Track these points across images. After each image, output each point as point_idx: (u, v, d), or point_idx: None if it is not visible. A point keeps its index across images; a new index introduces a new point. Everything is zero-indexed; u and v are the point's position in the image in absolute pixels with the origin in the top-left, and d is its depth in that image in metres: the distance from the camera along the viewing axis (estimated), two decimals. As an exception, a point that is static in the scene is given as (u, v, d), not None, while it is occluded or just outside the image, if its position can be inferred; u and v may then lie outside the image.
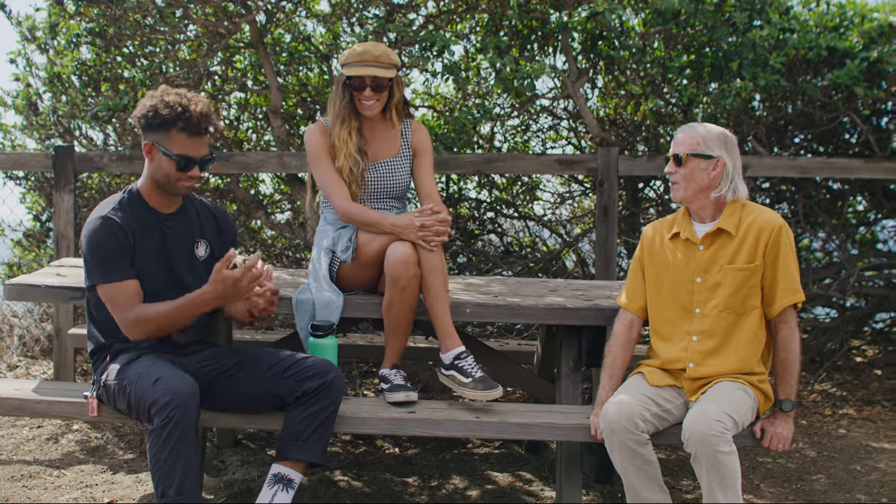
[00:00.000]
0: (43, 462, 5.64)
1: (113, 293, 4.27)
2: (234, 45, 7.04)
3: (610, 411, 4.29)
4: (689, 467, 5.55)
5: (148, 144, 4.32)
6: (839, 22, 6.47)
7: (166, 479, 4.03)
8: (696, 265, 4.44)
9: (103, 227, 4.27)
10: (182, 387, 4.05)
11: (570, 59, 6.69)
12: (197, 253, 4.51)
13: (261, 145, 7.84)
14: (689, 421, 4.16)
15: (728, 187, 4.42)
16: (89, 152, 6.91)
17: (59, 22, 6.59)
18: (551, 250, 8.09)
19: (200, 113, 4.30)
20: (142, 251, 4.33)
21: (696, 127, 4.47)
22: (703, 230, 4.46)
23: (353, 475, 5.52)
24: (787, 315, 4.38)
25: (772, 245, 4.34)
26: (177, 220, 4.47)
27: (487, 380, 4.69)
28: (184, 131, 4.28)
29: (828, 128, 7.01)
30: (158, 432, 4.01)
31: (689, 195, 4.45)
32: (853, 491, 5.39)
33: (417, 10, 6.84)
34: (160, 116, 4.26)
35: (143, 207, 4.40)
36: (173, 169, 4.31)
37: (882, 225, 7.88)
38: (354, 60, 4.96)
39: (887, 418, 6.58)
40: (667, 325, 4.50)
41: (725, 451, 4.05)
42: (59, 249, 6.71)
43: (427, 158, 5.22)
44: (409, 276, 4.67)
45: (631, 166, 6.67)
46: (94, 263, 4.28)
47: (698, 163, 4.41)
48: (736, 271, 4.36)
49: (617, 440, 4.24)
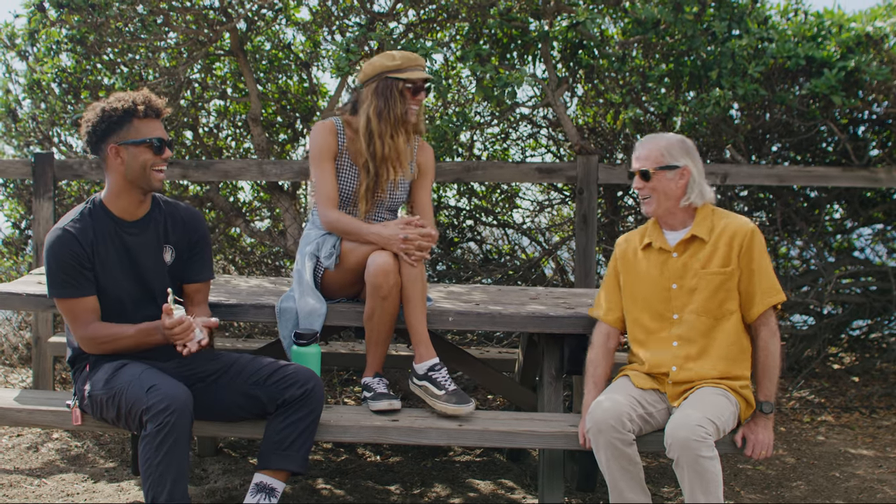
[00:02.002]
0: (23, 471, 5.62)
1: (69, 308, 4.29)
2: (213, 52, 7.04)
3: (597, 410, 4.30)
4: (669, 474, 5.61)
5: (113, 147, 4.29)
6: (817, 31, 6.53)
7: (157, 485, 4.02)
8: (671, 272, 4.47)
9: (60, 240, 4.27)
10: (178, 393, 4.05)
11: (549, 67, 6.71)
12: (164, 258, 4.50)
13: (240, 153, 7.84)
14: (672, 426, 4.18)
15: (696, 193, 4.46)
16: (69, 159, 6.89)
17: (40, 29, 6.56)
18: (530, 258, 8.11)
19: (148, 97, 4.36)
20: (103, 262, 4.33)
21: (656, 139, 4.51)
22: (676, 237, 4.50)
23: (335, 483, 5.52)
24: (767, 317, 4.42)
25: (746, 249, 4.39)
26: (142, 227, 4.44)
27: (461, 393, 4.69)
28: (145, 116, 4.31)
29: (805, 136, 7.06)
30: (152, 438, 4.00)
31: (661, 208, 4.49)
32: (833, 497, 5.43)
33: (398, 18, 6.85)
34: (116, 114, 4.28)
35: (105, 217, 4.38)
36: (150, 154, 4.31)
37: (858, 233, 7.95)
38: (412, 65, 4.93)
39: (865, 425, 6.63)
40: (646, 333, 4.54)
41: (707, 457, 4.08)
42: (38, 257, 6.68)
43: (429, 179, 5.22)
44: (389, 286, 4.67)
45: (610, 174, 6.70)
46: (50, 277, 4.29)
47: (665, 174, 4.45)
48: (711, 275, 4.39)
49: (603, 439, 4.25)
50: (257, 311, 4.91)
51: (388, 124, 4.94)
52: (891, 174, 6.69)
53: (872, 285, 7.57)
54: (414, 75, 4.93)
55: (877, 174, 6.69)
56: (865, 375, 7.47)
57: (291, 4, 7.06)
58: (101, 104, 4.34)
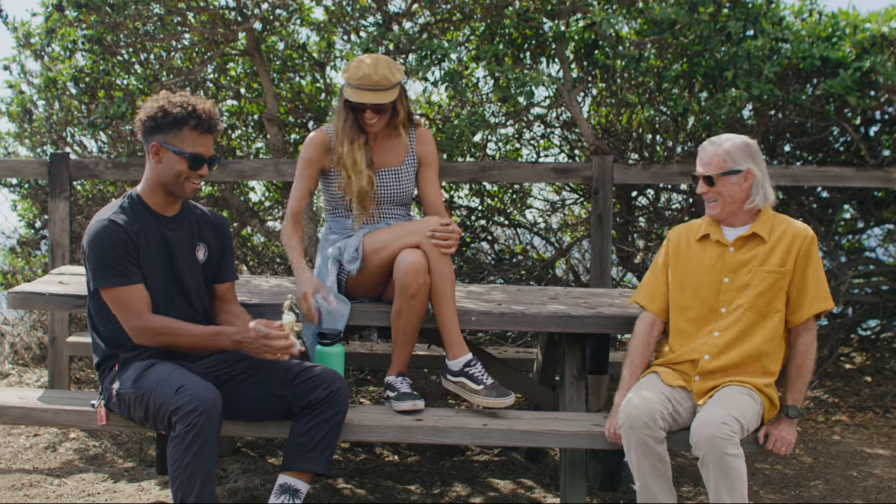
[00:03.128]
0: (43, 471, 5.62)
1: (119, 297, 4.25)
2: (229, 52, 7.04)
3: (629, 406, 4.33)
4: (689, 473, 5.62)
5: (156, 146, 4.30)
6: (832, 32, 6.55)
7: (187, 486, 4.03)
8: (725, 266, 4.50)
9: (107, 230, 4.24)
10: (207, 394, 4.05)
11: (565, 67, 6.72)
12: (197, 256, 4.50)
13: (251, 153, 7.85)
14: (698, 424, 4.20)
15: (760, 195, 4.51)
16: (84, 159, 6.88)
17: (56, 28, 6.56)
18: (543, 258, 8.12)
19: (209, 111, 4.33)
20: (146, 253, 4.32)
21: (721, 143, 4.53)
22: (735, 234, 4.54)
23: (356, 483, 5.53)
24: (811, 323, 4.47)
25: (804, 252, 4.43)
26: (178, 222, 4.46)
27: (499, 387, 4.71)
28: (196, 129, 4.29)
29: (818, 137, 7.07)
30: (181, 438, 4.01)
31: (726, 211, 4.53)
32: (851, 497, 5.44)
33: (414, 18, 6.86)
34: (171, 115, 4.27)
35: (144, 210, 4.38)
36: (185, 167, 4.30)
37: (868, 233, 7.97)
38: (356, 83, 4.88)
39: (879, 424, 6.64)
40: (690, 324, 4.56)
41: (733, 454, 4.11)
42: (54, 257, 6.68)
43: (432, 170, 5.22)
44: (419, 284, 4.68)
45: (625, 174, 6.71)
46: (99, 267, 4.24)
47: (729, 179, 4.48)
48: (766, 273, 4.43)
49: (635, 436, 4.27)
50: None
51: (339, 130, 5.02)
52: (904, 174, 6.71)
53: (884, 285, 7.59)
54: (351, 94, 4.92)
55: (891, 174, 6.70)
56: (878, 375, 7.48)
57: (306, 5, 7.05)
58: (165, 98, 4.33)
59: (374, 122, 4.97)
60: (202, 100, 4.37)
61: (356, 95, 4.89)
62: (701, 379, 4.46)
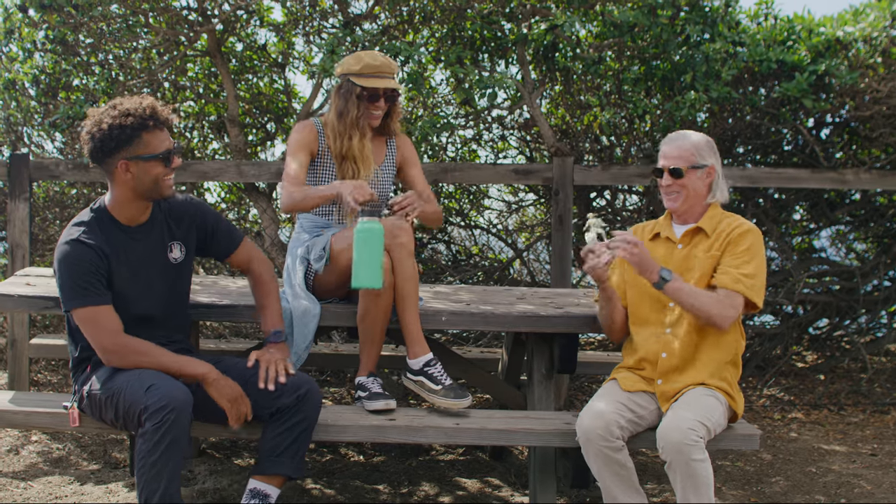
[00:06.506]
0: (7, 474, 5.56)
1: (92, 316, 4.20)
2: (190, 54, 7.02)
3: (585, 420, 4.38)
4: (651, 471, 5.70)
5: (123, 163, 4.22)
6: (787, 36, 6.66)
7: (152, 484, 4.00)
8: (672, 261, 4.56)
9: (76, 251, 4.20)
10: (176, 393, 4.03)
11: (525, 70, 6.78)
12: (171, 257, 4.46)
13: (207, 154, 7.82)
14: (664, 429, 4.25)
15: (719, 191, 4.59)
16: (44, 160, 6.82)
17: (15, 29, 6.50)
18: (500, 259, 8.17)
19: (155, 105, 4.26)
20: (117, 271, 4.28)
21: (687, 137, 4.61)
22: (682, 230, 4.61)
23: (324, 483, 5.54)
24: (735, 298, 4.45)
25: (733, 239, 4.47)
26: (147, 231, 4.41)
27: (457, 388, 4.73)
28: (154, 128, 4.23)
29: (771, 139, 7.19)
30: (150, 436, 3.98)
31: (687, 205, 4.59)
32: (812, 492, 5.54)
33: (375, 20, 6.88)
34: (127, 128, 4.18)
35: (112, 225, 4.33)
36: (160, 168, 4.25)
37: (818, 235, 8.11)
38: (372, 72, 4.98)
39: (834, 421, 6.77)
40: (642, 318, 4.62)
41: (699, 459, 4.16)
42: (13, 259, 6.63)
43: (417, 168, 5.30)
44: (383, 284, 4.71)
45: (586, 176, 6.78)
46: (68, 288, 4.20)
47: (695, 173, 4.55)
48: (706, 258, 4.49)
49: (593, 448, 4.34)
50: (251, 310, 4.89)
51: (346, 125, 5.03)
52: (858, 176, 6.84)
53: (835, 285, 7.73)
54: (371, 83, 4.99)
55: (844, 176, 6.83)
56: (831, 374, 7.62)
57: (266, 6, 7.05)
58: (105, 117, 4.21)
59: (380, 112, 5.06)
60: (140, 98, 4.28)
61: (373, 83, 4.98)
62: (664, 382, 4.51)
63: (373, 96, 5.01)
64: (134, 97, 4.32)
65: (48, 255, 7.56)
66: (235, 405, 4.27)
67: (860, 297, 7.53)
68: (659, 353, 4.52)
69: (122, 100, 4.29)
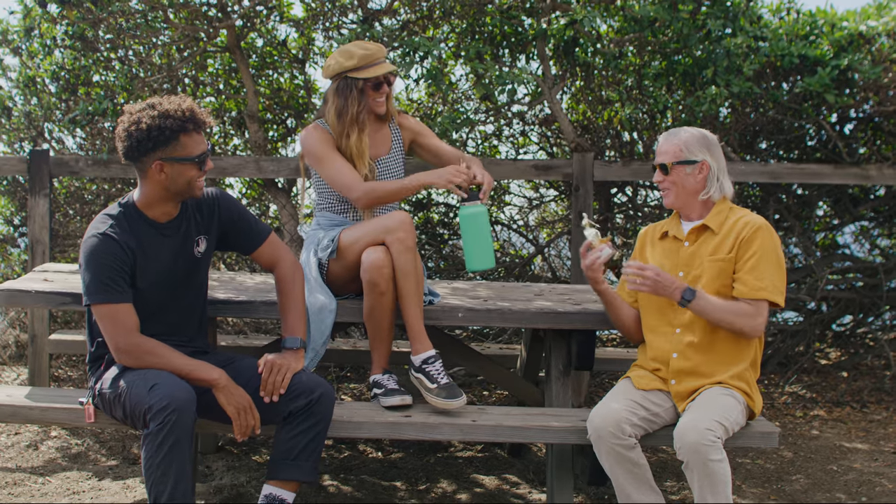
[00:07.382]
0: (26, 469, 5.59)
1: (111, 313, 4.19)
2: (209, 49, 7.03)
3: (596, 418, 4.36)
4: (671, 468, 5.67)
5: (158, 164, 4.21)
6: (809, 30, 6.60)
7: (159, 484, 4.00)
8: (680, 260, 4.54)
9: (103, 245, 4.19)
10: (179, 393, 4.03)
11: (545, 65, 6.75)
12: (197, 251, 4.46)
13: (228, 150, 7.82)
14: (680, 430, 4.22)
15: (715, 187, 4.54)
16: (64, 156, 6.84)
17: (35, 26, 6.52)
18: (521, 255, 8.15)
19: (194, 108, 4.26)
20: (142, 267, 4.28)
21: (678, 133, 4.59)
22: (689, 227, 4.58)
23: (341, 480, 5.53)
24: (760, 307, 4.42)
25: (746, 240, 4.42)
26: (175, 226, 4.40)
27: (452, 387, 4.68)
28: (192, 132, 4.23)
29: (794, 134, 7.14)
30: (154, 437, 3.98)
31: (679, 201, 4.57)
32: (833, 490, 5.50)
33: (394, 15, 6.86)
34: (165, 130, 4.17)
35: (141, 221, 4.33)
36: (195, 171, 4.26)
37: (841, 231, 8.05)
38: (368, 62, 4.98)
39: (857, 419, 6.72)
40: (653, 318, 4.60)
41: (716, 460, 4.13)
42: (34, 255, 6.65)
43: (434, 137, 5.34)
44: (385, 280, 4.68)
45: (606, 171, 6.74)
46: (91, 282, 4.19)
47: (684, 169, 4.51)
48: (712, 262, 4.44)
49: (605, 445, 4.32)
50: (268, 307, 4.90)
51: (345, 124, 5.02)
52: (881, 171, 6.77)
53: (859, 281, 7.67)
54: (372, 73, 5.00)
55: (868, 171, 6.77)
56: (854, 371, 7.56)
57: (285, 2, 7.04)
58: (143, 116, 4.19)
59: (384, 99, 5.07)
60: (180, 99, 4.28)
61: (373, 71, 4.99)
62: (677, 382, 4.48)
63: (376, 85, 5.01)
64: (173, 98, 4.30)
65: (68, 251, 7.59)
66: (243, 415, 4.25)
67: (884, 294, 7.45)
68: (670, 354, 4.50)
69: (161, 99, 4.27)
